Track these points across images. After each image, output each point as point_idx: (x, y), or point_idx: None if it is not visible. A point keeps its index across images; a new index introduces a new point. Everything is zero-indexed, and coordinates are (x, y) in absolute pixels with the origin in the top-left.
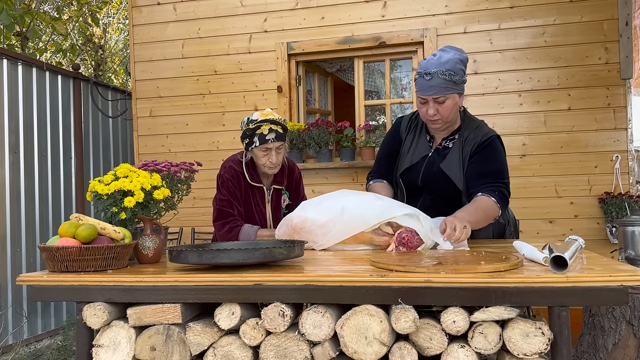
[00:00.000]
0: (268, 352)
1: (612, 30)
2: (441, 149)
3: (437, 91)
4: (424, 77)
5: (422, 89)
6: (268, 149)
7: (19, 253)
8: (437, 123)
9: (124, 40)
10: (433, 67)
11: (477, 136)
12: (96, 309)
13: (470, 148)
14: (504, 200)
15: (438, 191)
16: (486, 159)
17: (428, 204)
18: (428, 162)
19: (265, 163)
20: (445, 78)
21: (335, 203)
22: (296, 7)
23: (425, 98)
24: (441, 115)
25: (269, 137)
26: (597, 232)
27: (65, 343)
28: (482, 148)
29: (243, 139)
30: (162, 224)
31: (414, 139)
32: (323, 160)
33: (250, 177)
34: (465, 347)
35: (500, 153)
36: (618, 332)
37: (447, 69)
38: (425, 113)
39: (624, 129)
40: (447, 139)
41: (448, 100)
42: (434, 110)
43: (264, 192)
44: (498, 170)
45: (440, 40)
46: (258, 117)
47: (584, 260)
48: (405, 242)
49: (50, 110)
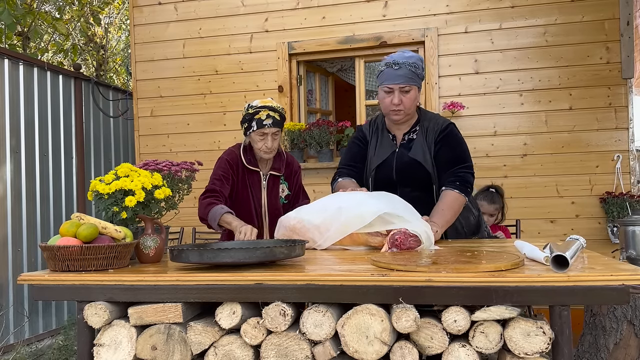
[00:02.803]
0: (269, 352)
1: (614, 29)
2: (406, 143)
3: (404, 80)
4: (392, 67)
5: (390, 78)
6: (264, 134)
7: (20, 252)
8: (399, 114)
9: (125, 40)
10: (400, 59)
11: (436, 124)
12: (97, 308)
13: (433, 136)
14: (468, 185)
15: (412, 181)
16: (448, 146)
17: (405, 199)
18: (398, 156)
19: (261, 147)
20: (412, 69)
21: (331, 203)
22: (297, 6)
23: (391, 87)
24: (404, 106)
25: (266, 122)
26: (598, 232)
27: (67, 342)
28: (444, 136)
29: (242, 123)
30: (163, 224)
31: (378, 140)
32: (324, 160)
33: (247, 161)
34: (466, 347)
35: (459, 138)
36: (619, 332)
37: (412, 62)
38: (390, 103)
39: (625, 129)
40: (409, 132)
41: (412, 91)
42: (399, 100)
43: (260, 176)
44: (459, 156)
45: (441, 40)
46: (258, 104)
47: (585, 260)
48: (398, 244)
49: (52, 110)
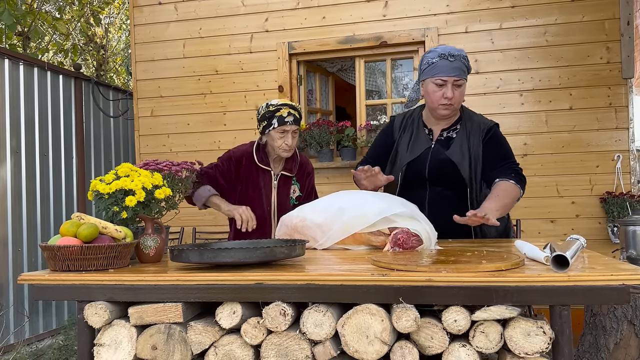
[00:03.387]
0: (269, 351)
1: (614, 29)
2: (443, 140)
3: (459, 73)
4: (448, 58)
5: (445, 70)
6: (285, 131)
7: (20, 252)
8: (449, 108)
9: (125, 40)
10: (454, 51)
11: (482, 124)
12: (97, 308)
13: (479, 136)
14: (522, 179)
15: (444, 181)
16: (495, 145)
17: (435, 198)
18: (433, 152)
19: (280, 145)
20: (464, 63)
21: (334, 203)
22: (297, 6)
23: (445, 80)
24: (456, 100)
25: (287, 120)
26: (599, 232)
27: (67, 342)
28: (491, 136)
29: (261, 121)
30: (164, 224)
31: (412, 134)
32: (324, 160)
33: (258, 159)
34: (467, 346)
35: (504, 138)
36: (619, 332)
37: (464, 55)
38: (441, 97)
39: (626, 129)
40: (448, 130)
41: (463, 85)
42: (452, 93)
43: (271, 176)
44: (508, 152)
45: (441, 40)
46: (278, 102)
47: (585, 260)
48: (401, 243)
49: (52, 110)
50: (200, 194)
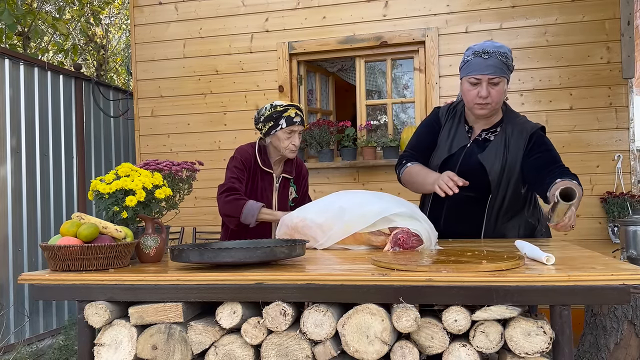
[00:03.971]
0: (269, 351)
1: (614, 29)
2: (480, 141)
3: (494, 71)
4: (482, 56)
5: (479, 69)
6: (293, 132)
7: (20, 252)
8: (485, 107)
9: (125, 40)
10: (490, 48)
11: (526, 129)
12: (98, 308)
13: (523, 142)
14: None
15: (470, 186)
16: (543, 150)
17: (456, 197)
18: (466, 153)
19: (287, 146)
20: (502, 60)
21: (334, 203)
22: (297, 6)
23: (479, 78)
24: (492, 99)
25: (295, 120)
26: (599, 232)
27: (67, 342)
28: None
29: (266, 122)
30: (164, 223)
31: (452, 127)
32: (324, 160)
33: (261, 162)
34: (467, 346)
35: (550, 142)
36: (620, 332)
37: (503, 52)
38: (476, 96)
39: (626, 129)
40: (487, 131)
41: (501, 83)
42: (487, 92)
43: (273, 179)
44: (557, 156)
45: (441, 40)
46: (283, 103)
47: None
48: (401, 243)
49: (52, 110)
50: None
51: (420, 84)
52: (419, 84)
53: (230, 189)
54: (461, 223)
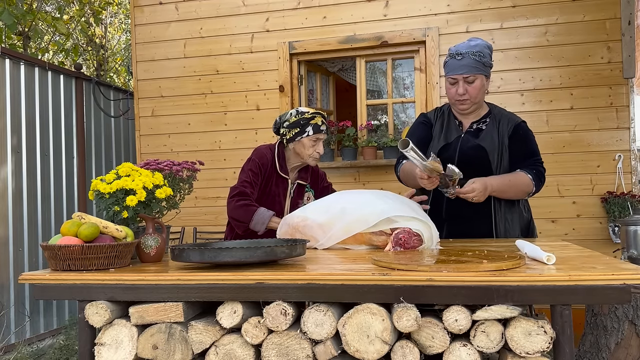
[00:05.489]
0: (270, 351)
1: (615, 29)
2: (473, 131)
3: (468, 70)
4: (455, 57)
5: (454, 69)
6: (318, 139)
7: (21, 252)
8: (465, 103)
9: (125, 40)
10: (464, 49)
11: (510, 119)
12: (98, 308)
13: (507, 129)
14: (541, 177)
15: (473, 169)
16: (522, 140)
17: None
18: (463, 140)
19: (311, 153)
20: (475, 59)
21: (336, 203)
22: (298, 6)
23: (455, 78)
24: (470, 95)
25: (322, 128)
26: (600, 232)
27: (68, 342)
28: (518, 131)
29: (291, 128)
30: (164, 223)
31: (443, 123)
32: (325, 160)
33: (279, 167)
34: (468, 346)
35: (532, 134)
36: (620, 332)
37: (477, 51)
38: (455, 93)
39: (627, 129)
40: (478, 122)
41: (477, 80)
42: (464, 90)
43: (288, 185)
44: (534, 150)
45: (442, 40)
46: (309, 110)
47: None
48: (402, 243)
49: (53, 110)
50: (260, 219)
51: (420, 84)
52: (420, 84)
53: (242, 194)
54: (472, 218)
